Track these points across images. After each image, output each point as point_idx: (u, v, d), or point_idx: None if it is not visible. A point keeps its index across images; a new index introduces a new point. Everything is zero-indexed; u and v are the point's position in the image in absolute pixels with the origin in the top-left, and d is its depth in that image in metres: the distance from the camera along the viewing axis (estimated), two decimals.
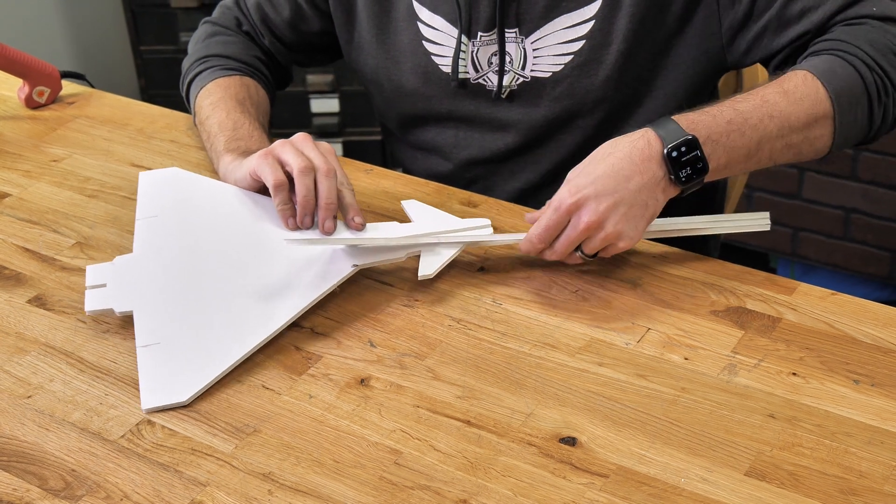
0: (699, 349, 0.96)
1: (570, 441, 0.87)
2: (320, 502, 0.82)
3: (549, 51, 1.21)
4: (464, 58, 1.25)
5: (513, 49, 1.23)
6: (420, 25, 1.26)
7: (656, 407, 0.90)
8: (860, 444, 0.86)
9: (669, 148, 1.01)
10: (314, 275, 1.03)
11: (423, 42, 1.26)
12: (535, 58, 1.22)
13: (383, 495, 0.82)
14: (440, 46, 1.26)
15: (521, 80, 1.24)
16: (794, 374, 0.93)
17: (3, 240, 1.16)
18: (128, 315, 1.00)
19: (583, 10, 1.19)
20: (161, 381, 0.93)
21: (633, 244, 1.03)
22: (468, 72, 1.26)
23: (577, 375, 0.94)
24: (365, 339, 0.99)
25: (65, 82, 1.50)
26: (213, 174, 1.23)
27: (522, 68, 1.23)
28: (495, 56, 1.24)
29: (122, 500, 0.83)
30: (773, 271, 2.17)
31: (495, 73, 1.24)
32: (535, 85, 1.23)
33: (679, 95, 1.23)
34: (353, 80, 2.65)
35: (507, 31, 1.22)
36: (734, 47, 1.20)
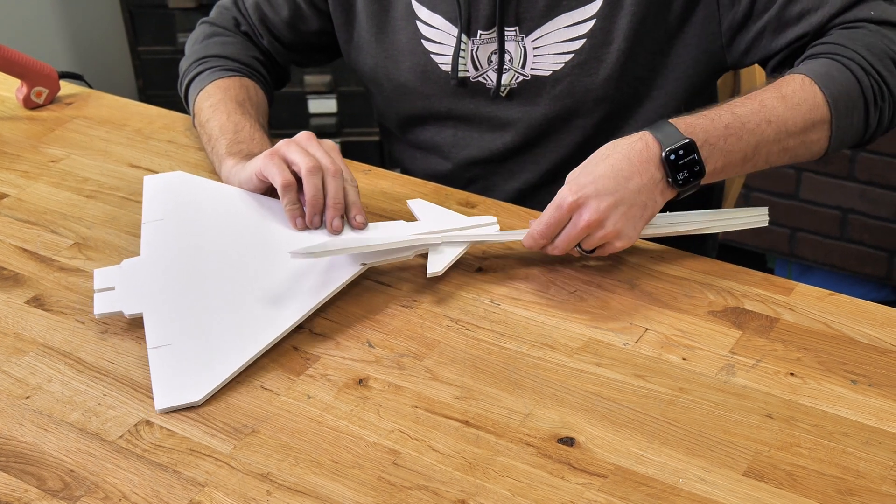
0: (697, 349, 0.96)
1: (569, 441, 0.87)
2: (319, 502, 0.82)
3: (549, 49, 1.21)
4: (463, 56, 1.25)
5: (512, 47, 1.23)
6: (419, 24, 1.26)
7: (654, 407, 0.90)
8: (858, 444, 0.86)
9: (667, 151, 1.02)
10: (323, 273, 1.03)
11: (422, 41, 1.27)
12: (535, 56, 1.22)
13: (382, 495, 0.82)
14: (439, 45, 1.26)
15: (520, 78, 1.24)
16: (791, 375, 0.93)
17: (1, 240, 1.16)
18: (136, 317, 1.01)
19: (584, 9, 1.19)
20: (174, 381, 0.93)
21: (630, 244, 1.03)
22: (468, 70, 1.26)
23: (575, 376, 0.94)
24: (363, 339, 0.99)
25: (63, 83, 1.49)
26: (213, 175, 1.23)
27: (522, 67, 1.23)
28: (495, 54, 1.24)
29: (120, 500, 0.83)
30: (770, 271, 2.17)
31: (495, 71, 1.24)
32: (535, 83, 1.23)
33: (679, 95, 1.23)
34: (351, 81, 2.65)
35: (507, 29, 1.22)
36: (734, 47, 1.20)
